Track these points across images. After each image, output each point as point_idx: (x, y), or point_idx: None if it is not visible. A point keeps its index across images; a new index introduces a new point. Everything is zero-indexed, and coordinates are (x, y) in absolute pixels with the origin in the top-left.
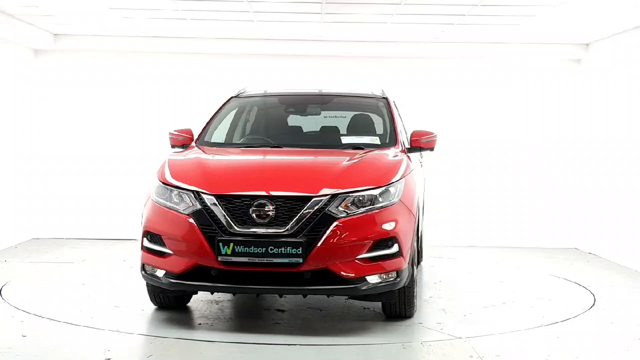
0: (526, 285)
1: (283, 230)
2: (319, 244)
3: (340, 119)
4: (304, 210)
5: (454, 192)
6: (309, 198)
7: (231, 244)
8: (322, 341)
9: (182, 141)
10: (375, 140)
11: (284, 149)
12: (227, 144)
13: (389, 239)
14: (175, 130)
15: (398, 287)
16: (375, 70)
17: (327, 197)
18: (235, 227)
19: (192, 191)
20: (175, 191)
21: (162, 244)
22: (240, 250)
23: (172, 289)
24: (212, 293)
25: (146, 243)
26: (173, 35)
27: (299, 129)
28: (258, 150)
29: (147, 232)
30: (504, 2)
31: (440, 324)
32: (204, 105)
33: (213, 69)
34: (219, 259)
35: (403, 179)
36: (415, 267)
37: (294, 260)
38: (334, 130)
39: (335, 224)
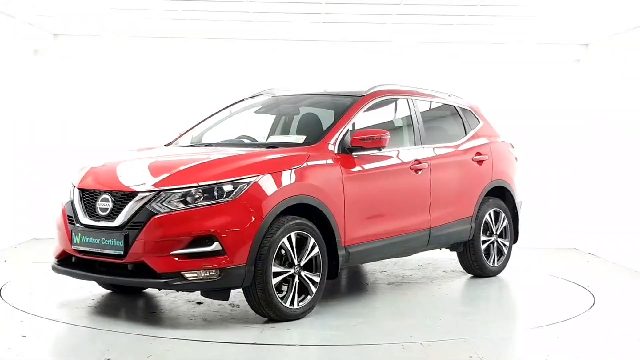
0: (526, 285)
1: (113, 223)
2: (137, 238)
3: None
4: (131, 205)
5: None
6: (135, 194)
7: (79, 234)
8: (321, 341)
9: None
10: (300, 139)
11: (202, 148)
12: (190, 144)
13: (207, 237)
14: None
15: (225, 286)
16: (375, 70)
17: (153, 193)
18: (84, 218)
19: (72, 185)
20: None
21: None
22: (84, 240)
23: (55, 273)
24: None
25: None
26: (173, 36)
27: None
28: (175, 148)
29: (56, 223)
30: (504, 2)
31: (440, 324)
32: (204, 105)
33: (213, 69)
34: (72, 247)
35: (254, 178)
36: (298, 269)
37: (117, 252)
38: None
39: (152, 219)
